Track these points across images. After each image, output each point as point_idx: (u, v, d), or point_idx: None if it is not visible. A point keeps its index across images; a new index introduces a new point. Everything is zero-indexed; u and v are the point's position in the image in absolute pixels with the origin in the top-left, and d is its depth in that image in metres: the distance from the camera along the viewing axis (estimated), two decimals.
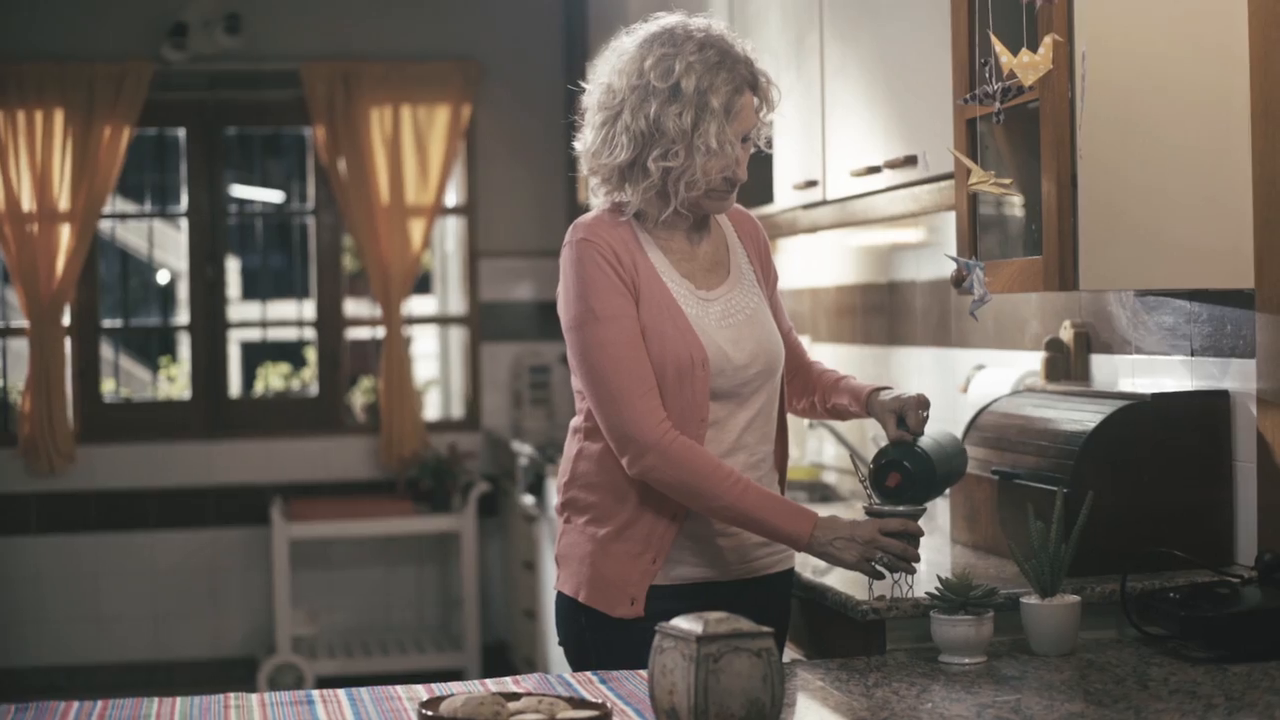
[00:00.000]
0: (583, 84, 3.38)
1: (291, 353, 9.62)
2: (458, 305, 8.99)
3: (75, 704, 2.82)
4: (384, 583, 8.66)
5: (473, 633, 8.20)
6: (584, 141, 3.35)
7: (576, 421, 3.37)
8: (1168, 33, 3.25)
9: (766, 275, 3.45)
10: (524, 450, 7.63)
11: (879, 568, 3.16)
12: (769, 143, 3.37)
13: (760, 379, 3.31)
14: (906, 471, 3.23)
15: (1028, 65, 3.13)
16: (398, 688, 2.87)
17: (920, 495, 3.24)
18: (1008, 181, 3.32)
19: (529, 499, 7.38)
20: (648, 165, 3.22)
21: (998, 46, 3.18)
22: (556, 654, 3.47)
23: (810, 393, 3.55)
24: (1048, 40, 3.13)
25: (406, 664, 8.05)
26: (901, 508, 3.19)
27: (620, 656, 3.14)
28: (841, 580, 3.40)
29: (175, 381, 9.37)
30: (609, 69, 3.31)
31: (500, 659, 8.39)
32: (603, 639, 3.29)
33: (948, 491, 3.88)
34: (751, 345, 3.29)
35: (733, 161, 3.23)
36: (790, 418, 3.53)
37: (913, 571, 3.18)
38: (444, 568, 8.67)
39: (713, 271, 3.35)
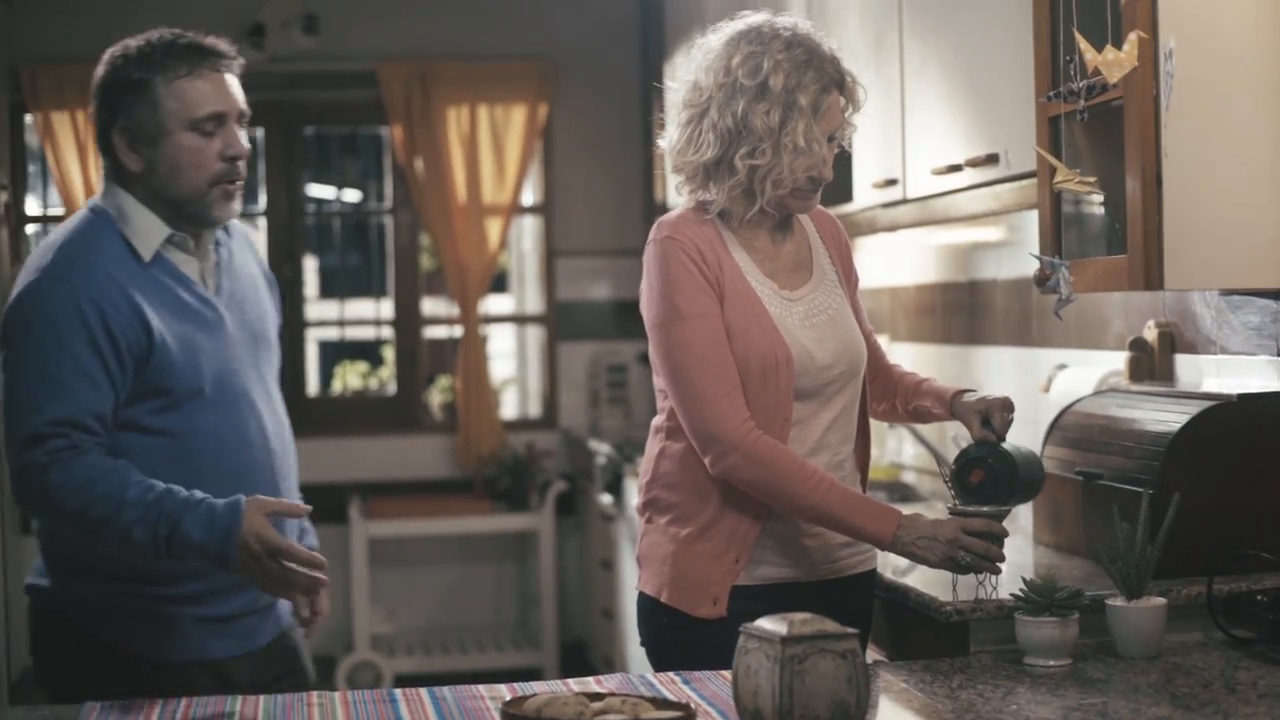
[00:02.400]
0: (668, 83, 3.38)
1: (369, 351, 9.65)
2: (535, 304, 9.00)
3: (159, 702, 2.83)
4: (461, 581, 8.68)
5: (550, 631, 8.20)
6: (669, 139, 3.34)
7: (659, 421, 3.37)
8: (1253, 28, 3.22)
9: (848, 276, 3.44)
10: (601, 449, 7.63)
11: (963, 565, 3.14)
12: (850, 142, 3.35)
13: (843, 379, 3.29)
14: (990, 468, 3.21)
15: (1112, 62, 3.11)
16: (480, 687, 2.87)
17: (1002, 494, 3.22)
18: (1093, 179, 3.29)
19: (606, 498, 7.38)
20: (734, 163, 3.21)
21: (1082, 44, 3.16)
22: (634, 653, 3.46)
23: (890, 396, 3.53)
24: (1132, 37, 3.11)
25: (484, 662, 8.07)
26: (986, 508, 3.17)
27: (703, 657, 3.11)
28: (924, 581, 3.38)
29: None
30: (695, 67, 3.31)
31: (577, 658, 8.40)
32: (685, 639, 3.28)
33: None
34: (835, 345, 3.27)
35: (819, 160, 3.22)
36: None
37: (997, 571, 3.16)
38: (521, 566, 8.68)
39: (796, 272, 3.34)
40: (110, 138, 3.14)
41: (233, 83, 3.18)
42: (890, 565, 3.53)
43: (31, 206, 8.70)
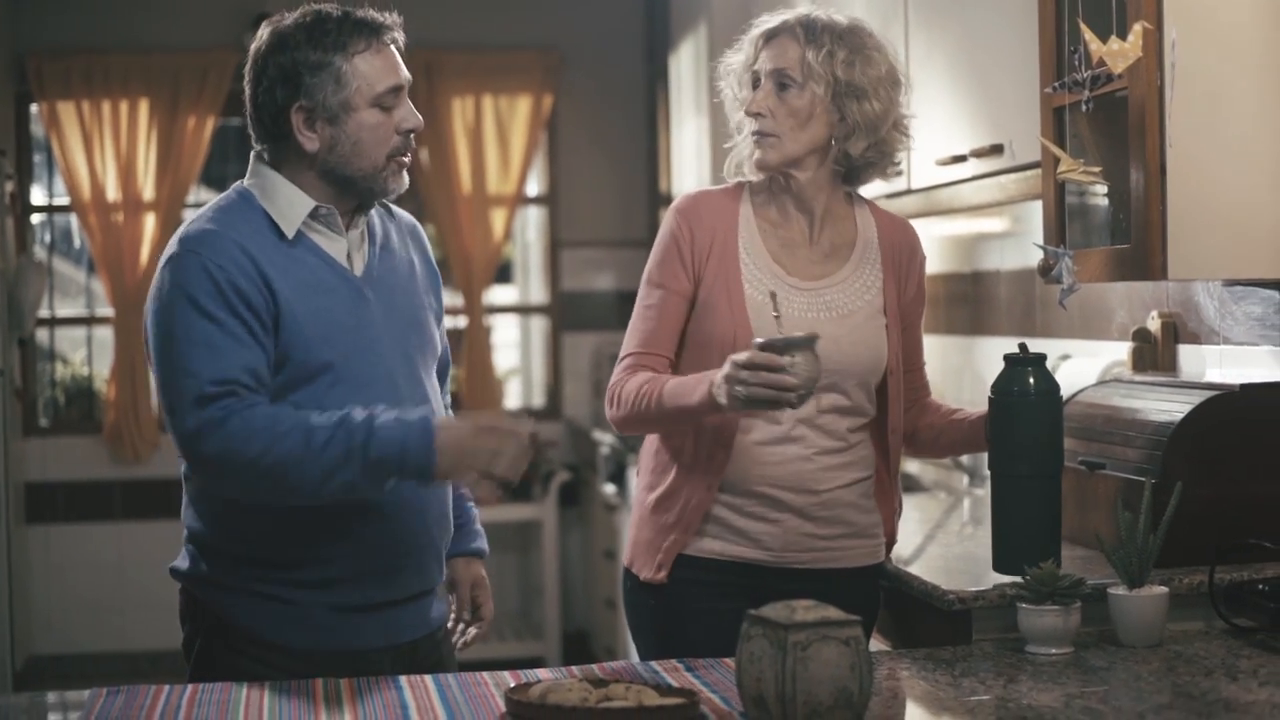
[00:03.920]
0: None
1: None
2: (539, 295, 9.01)
3: (165, 688, 2.84)
4: None
5: (553, 621, 8.22)
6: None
7: None
8: (1255, 18, 3.22)
9: (903, 292, 3.44)
10: (605, 440, 7.63)
11: (745, 400, 3.09)
12: (848, 89, 3.31)
13: (829, 378, 3.27)
14: None
15: (1117, 53, 3.12)
16: (484, 674, 2.87)
17: None
18: (1097, 169, 3.30)
19: (610, 488, 7.39)
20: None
21: (1087, 34, 3.17)
22: None
23: (930, 418, 3.54)
24: (1137, 28, 3.11)
25: (487, 652, 8.06)
26: (783, 338, 3.07)
27: (646, 619, 3.41)
28: (927, 570, 3.39)
29: None
30: None
31: (580, 648, 8.41)
32: (636, 601, 3.47)
33: None
34: (825, 342, 3.27)
35: (748, 101, 3.37)
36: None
37: (776, 403, 3.06)
38: (525, 556, 8.69)
39: (823, 263, 3.37)
40: (287, 118, 3.08)
41: (399, 54, 3.15)
42: (895, 555, 3.54)
43: (37, 196, 8.72)
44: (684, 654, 3.11)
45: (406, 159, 3.16)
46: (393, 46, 3.12)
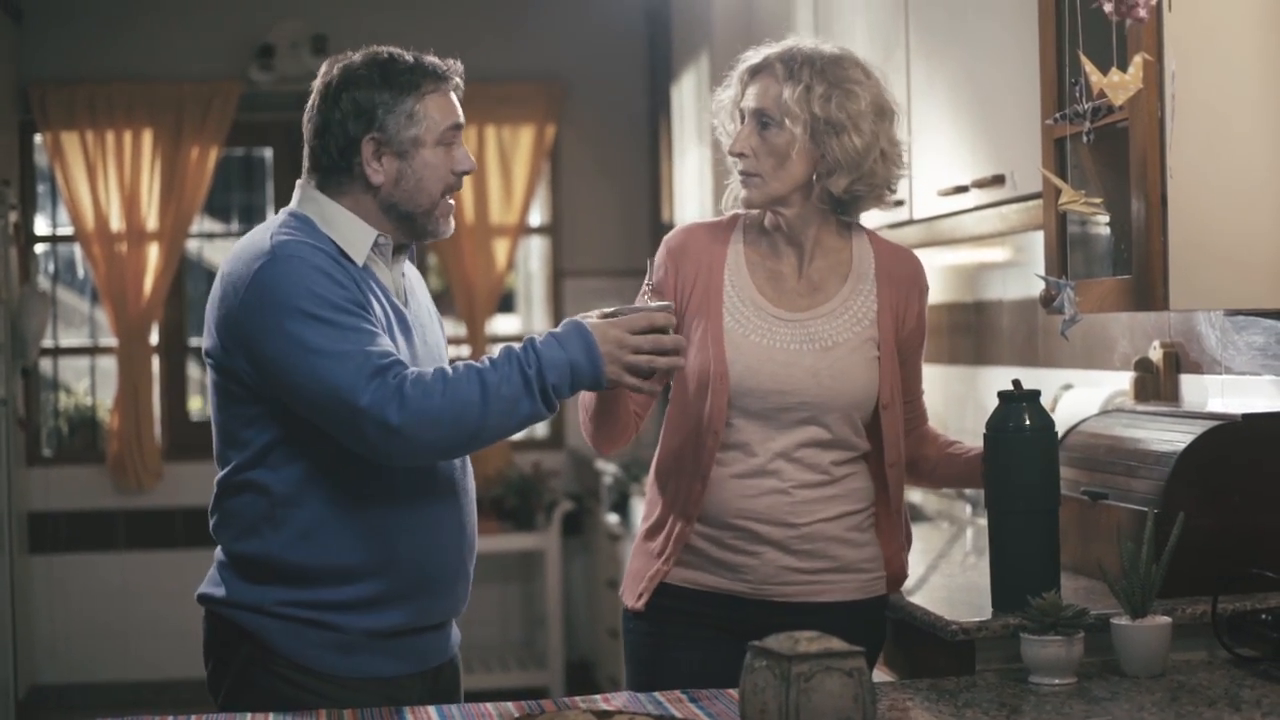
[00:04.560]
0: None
1: None
2: (542, 325, 9.01)
3: (170, 718, 2.84)
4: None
5: (556, 651, 8.21)
6: None
7: None
8: (1257, 50, 3.23)
9: (901, 323, 3.40)
10: (608, 469, 7.64)
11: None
12: (827, 126, 3.30)
13: (807, 410, 3.29)
14: None
15: (1118, 84, 3.12)
16: (488, 705, 2.87)
17: None
18: (1098, 201, 3.31)
19: (613, 518, 7.39)
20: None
21: (1087, 66, 3.18)
22: None
23: (926, 459, 3.55)
24: (1138, 59, 3.12)
25: (490, 682, 8.07)
26: (616, 308, 3.11)
27: (629, 647, 3.43)
28: (930, 600, 3.39)
29: None
30: None
31: (584, 677, 8.40)
32: (624, 628, 3.49)
33: None
34: (803, 374, 3.28)
35: (733, 138, 3.38)
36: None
37: (642, 372, 3.05)
38: (528, 586, 8.69)
39: (810, 294, 3.36)
40: (357, 149, 3.12)
41: (457, 100, 3.26)
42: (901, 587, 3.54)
43: (40, 226, 8.74)
44: (662, 682, 3.16)
45: (453, 203, 3.20)
46: (454, 93, 3.24)
